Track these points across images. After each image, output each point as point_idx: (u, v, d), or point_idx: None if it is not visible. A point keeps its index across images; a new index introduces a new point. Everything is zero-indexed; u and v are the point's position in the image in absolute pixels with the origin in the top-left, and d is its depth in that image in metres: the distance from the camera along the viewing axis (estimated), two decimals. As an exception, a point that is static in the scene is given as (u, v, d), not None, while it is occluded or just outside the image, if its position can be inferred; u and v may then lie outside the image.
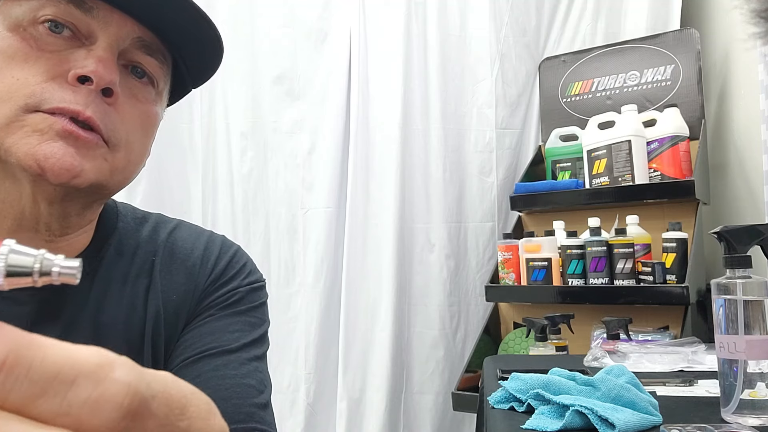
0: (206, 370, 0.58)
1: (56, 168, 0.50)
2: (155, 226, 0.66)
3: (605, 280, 1.54)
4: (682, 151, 1.63)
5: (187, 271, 0.64)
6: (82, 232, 0.60)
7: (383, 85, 1.95)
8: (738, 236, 0.80)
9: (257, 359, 0.63)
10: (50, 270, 0.25)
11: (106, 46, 0.53)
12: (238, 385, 0.59)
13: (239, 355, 0.61)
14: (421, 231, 1.96)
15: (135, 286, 0.61)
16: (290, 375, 1.86)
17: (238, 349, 0.61)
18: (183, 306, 0.62)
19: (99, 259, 0.61)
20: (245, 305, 0.65)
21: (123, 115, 0.56)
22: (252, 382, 0.60)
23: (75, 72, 0.51)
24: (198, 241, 0.67)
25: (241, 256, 0.69)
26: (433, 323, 1.92)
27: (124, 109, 0.56)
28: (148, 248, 0.64)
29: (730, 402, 0.78)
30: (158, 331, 0.61)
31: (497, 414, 0.89)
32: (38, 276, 0.25)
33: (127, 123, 0.56)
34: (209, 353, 0.59)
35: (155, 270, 0.63)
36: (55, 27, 0.52)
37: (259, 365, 0.63)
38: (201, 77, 0.66)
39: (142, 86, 0.58)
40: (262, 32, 1.94)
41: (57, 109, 0.50)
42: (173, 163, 1.91)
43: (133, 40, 0.56)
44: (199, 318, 0.63)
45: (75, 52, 0.53)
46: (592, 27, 2.02)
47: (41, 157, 0.50)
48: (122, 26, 0.55)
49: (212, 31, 0.59)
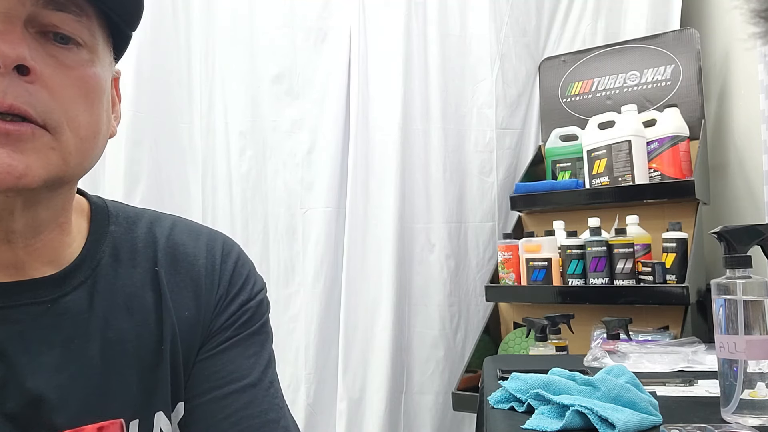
0: (236, 409, 0.59)
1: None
2: (150, 226, 0.62)
3: (605, 280, 1.54)
4: (682, 151, 1.63)
5: (194, 284, 0.61)
6: (56, 227, 0.54)
7: (383, 85, 1.95)
8: (738, 236, 0.80)
9: (272, 383, 0.63)
10: None
11: (4, 17, 0.45)
12: (265, 423, 0.59)
13: (261, 387, 0.61)
14: (421, 231, 1.95)
15: (142, 302, 0.58)
16: (290, 375, 1.86)
17: (260, 379, 0.61)
18: (197, 323, 0.60)
19: (94, 267, 0.56)
20: (256, 323, 0.64)
21: (53, 90, 0.48)
22: (273, 416, 0.61)
23: None
24: (198, 245, 0.64)
25: (244, 261, 0.67)
26: (433, 323, 1.92)
27: (53, 82, 0.48)
28: (147, 254, 0.60)
29: (730, 402, 0.78)
30: (176, 350, 0.58)
31: (497, 414, 0.89)
32: None
33: (61, 98, 0.48)
34: (235, 389, 0.59)
35: (162, 283, 0.59)
36: None
37: (275, 389, 0.63)
38: (131, 18, 0.56)
39: (68, 51, 0.49)
40: (262, 31, 1.94)
41: None
42: (173, 162, 1.90)
43: (35, 0, 0.47)
44: (216, 340, 0.61)
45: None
46: (592, 27, 2.02)
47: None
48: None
49: None
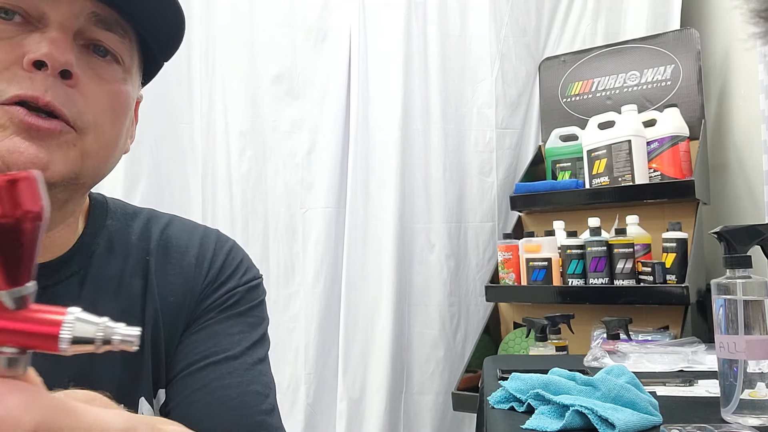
0: (212, 379, 0.58)
1: (20, 163, 0.48)
2: (147, 223, 0.64)
3: (605, 280, 1.54)
4: (682, 151, 1.63)
5: (183, 272, 0.63)
6: (64, 226, 0.57)
7: (383, 85, 1.95)
8: (738, 236, 0.80)
9: (260, 362, 0.62)
10: (111, 338, 0.25)
11: (59, 26, 0.51)
12: (245, 393, 0.58)
13: (243, 361, 0.60)
14: (421, 231, 1.95)
15: (130, 288, 0.59)
16: (290, 375, 1.86)
17: (241, 353, 0.60)
18: (181, 309, 0.61)
19: (88, 258, 0.58)
20: (244, 305, 0.64)
21: (88, 96, 0.53)
22: (257, 388, 0.60)
23: (29, 57, 0.49)
24: (192, 238, 0.65)
25: (237, 252, 0.68)
26: (433, 323, 1.92)
27: (89, 90, 0.53)
28: (140, 246, 0.62)
29: (730, 402, 0.78)
30: (158, 335, 0.59)
31: (497, 414, 0.89)
32: (101, 344, 0.25)
33: (93, 105, 0.53)
34: (213, 360, 0.59)
35: (150, 271, 0.61)
36: (5, 14, 0.50)
37: (263, 368, 0.62)
38: (167, 48, 0.62)
39: (107, 65, 0.55)
40: (262, 31, 1.94)
41: (15, 98, 0.48)
42: (173, 162, 1.90)
43: (88, 16, 0.53)
44: (199, 321, 0.62)
45: (28, 37, 0.50)
46: (592, 27, 2.02)
47: (5, 153, 0.48)
48: (73, 3, 0.52)
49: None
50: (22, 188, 0.23)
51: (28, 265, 0.24)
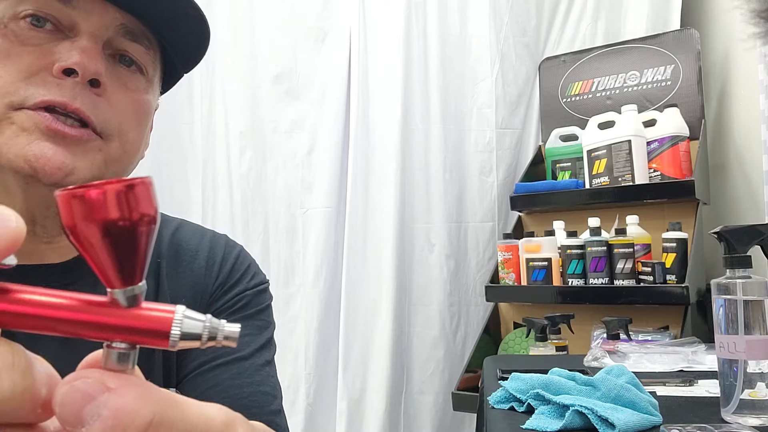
0: (224, 379, 0.59)
1: (47, 167, 0.49)
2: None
3: (605, 280, 1.54)
4: (682, 151, 1.63)
5: (193, 274, 0.64)
6: None
7: (383, 85, 1.95)
8: (738, 236, 0.80)
9: (268, 364, 0.63)
10: (216, 335, 0.26)
11: (90, 36, 0.53)
12: (255, 393, 0.59)
13: (253, 362, 0.61)
14: (421, 231, 1.95)
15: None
16: (290, 375, 1.86)
17: (251, 355, 0.61)
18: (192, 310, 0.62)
19: None
20: (253, 309, 0.65)
21: (113, 105, 0.55)
22: (267, 389, 0.61)
23: (60, 65, 0.50)
24: (202, 242, 0.67)
25: (245, 257, 0.69)
26: (433, 323, 1.92)
27: (115, 98, 0.55)
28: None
29: (730, 402, 0.78)
30: None
31: (497, 414, 0.89)
32: (206, 340, 0.26)
33: (118, 113, 0.55)
34: (224, 361, 0.60)
35: (162, 273, 0.62)
36: (36, 21, 0.51)
37: (271, 370, 0.63)
38: (190, 61, 0.64)
39: (131, 74, 0.57)
40: (262, 31, 1.94)
41: (42, 102, 0.50)
42: (173, 162, 1.91)
43: (117, 27, 0.55)
44: None
45: (58, 45, 0.52)
46: (592, 27, 2.02)
47: (32, 158, 0.49)
48: (104, 14, 0.54)
49: (196, 12, 0.58)
50: (139, 192, 0.24)
51: (142, 265, 0.25)
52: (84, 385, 0.22)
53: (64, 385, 0.22)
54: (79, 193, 0.23)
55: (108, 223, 0.23)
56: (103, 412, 0.21)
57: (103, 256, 0.24)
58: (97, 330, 0.25)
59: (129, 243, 0.24)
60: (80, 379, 0.22)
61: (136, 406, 0.22)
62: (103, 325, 0.25)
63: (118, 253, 0.24)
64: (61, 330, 0.25)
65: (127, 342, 0.25)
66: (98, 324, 0.25)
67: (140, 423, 0.22)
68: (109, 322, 0.25)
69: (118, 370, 0.24)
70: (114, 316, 0.25)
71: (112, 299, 0.25)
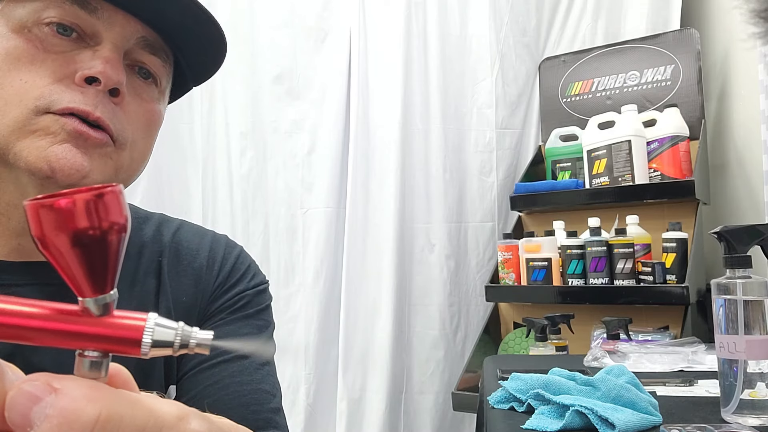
0: (224, 376, 0.59)
1: (66, 168, 0.50)
2: (158, 226, 0.67)
3: (605, 280, 1.54)
4: (682, 151, 1.63)
5: (194, 273, 0.64)
6: None
7: (383, 85, 1.95)
8: (738, 236, 0.80)
9: (268, 363, 0.64)
10: (188, 342, 0.26)
11: (112, 46, 0.54)
12: (255, 391, 0.60)
13: (253, 360, 0.62)
14: (421, 231, 1.95)
15: (144, 287, 0.61)
16: (290, 375, 1.86)
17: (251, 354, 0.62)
18: (193, 308, 0.63)
19: None
20: (252, 308, 0.66)
21: (129, 114, 0.56)
22: (267, 387, 0.62)
23: (83, 73, 0.52)
24: (203, 242, 0.67)
25: (245, 257, 0.70)
26: (433, 323, 1.92)
27: (130, 108, 0.56)
28: (153, 248, 0.64)
29: (730, 402, 0.78)
30: None
31: (497, 414, 0.89)
32: (178, 347, 0.26)
33: (133, 122, 0.57)
34: (224, 359, 0.60)
35: (163, 271, 0.63)
36: (63, 30, 0.52)
37: (270, 369, 0.64)
38: (202, 75, 0.66)
39: (147, 86, 0.59)
40: (262, 31, 1.94)
41: (67, 109, 0.51)
42: (173, 163, 1.90)
43: (138, 39, 0.56)
44: (209, 322, 0.64)
45: (81, 53, 0.53)
46: (592, 27, 2.02)
47: (53, 158, 0.50)
48: (126, 26, 0.55)
49: (216, 29, 0.60)
50: (108, 201, 0.24)
51: (113, 274, 0.25)
52: (31, 387, 0.22)
53: (12, 389, 0.22)
54: (48, 203, 0.23)
55: (77, 232, 0.23)
56: (49, 411, 0.22)
57: (73, 266, 0.24)
58: (69, 339, 0.25)
59: (99, 252, 0.24)
60: (27, 382, 0.23)
61: (81, 404, 0.22)
62: (74, 333, 0.25)
63: (88, 262, 0.24)
64: (33, 339, 0.25)
65: (99, 350, 0.25)
66: (70, 333, 0.25)
67: (87, 420, 0.22)
68: (80, 331, 0.25)
69: (90, 378, 0.24)
70: (86, 324, 0.25)
71: (83, 308, 0.25)
